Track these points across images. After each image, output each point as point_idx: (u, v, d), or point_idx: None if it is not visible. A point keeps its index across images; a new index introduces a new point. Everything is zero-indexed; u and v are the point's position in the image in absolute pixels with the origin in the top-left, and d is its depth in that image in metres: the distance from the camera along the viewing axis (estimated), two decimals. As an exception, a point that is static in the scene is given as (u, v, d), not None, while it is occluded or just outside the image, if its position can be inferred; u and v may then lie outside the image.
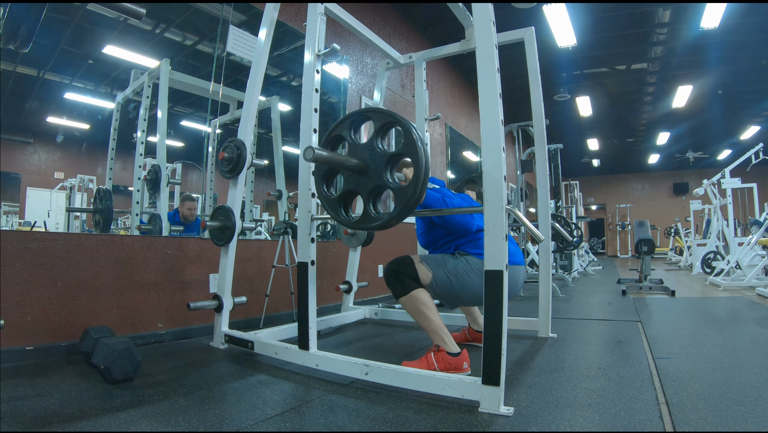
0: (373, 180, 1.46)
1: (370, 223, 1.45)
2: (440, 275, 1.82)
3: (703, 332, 2.53)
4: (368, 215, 1.46)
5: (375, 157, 1.46)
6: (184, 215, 3.03)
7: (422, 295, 1.78)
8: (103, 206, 2.49)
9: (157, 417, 1.31)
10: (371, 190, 1.47)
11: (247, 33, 3.07)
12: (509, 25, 2.52)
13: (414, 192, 1.39)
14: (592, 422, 1.25)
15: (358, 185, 1.49)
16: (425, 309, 1.76)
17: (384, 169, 1.44)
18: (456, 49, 2.61)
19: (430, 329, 1.76)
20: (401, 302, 1.80)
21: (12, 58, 2.13)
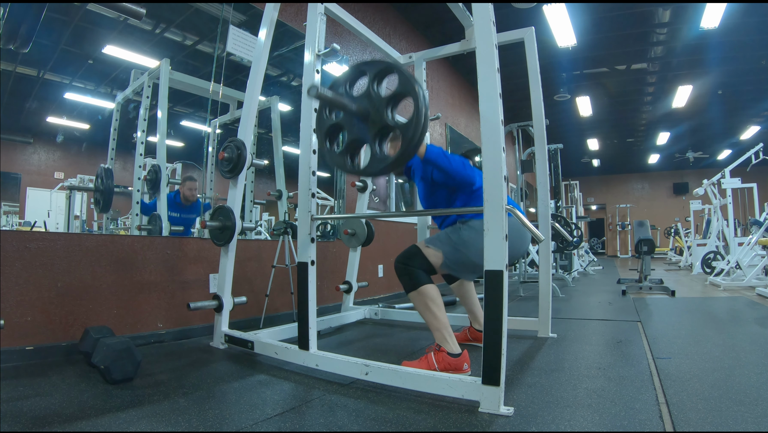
0: (376, 124, 1.46)
1: (380, 164, 1.46)
2: (449, 250, 1.82)
3: (703, 332, 2.53)
4: (376, 157, 1.47)
5: (374, 103, 1.47)
6: (185, 195, 3.02)
7: (431, 291, 1.78)
8: (104, 186, 2.50)
9: (157, 417, 1.31)
10: (376, 134, 1.47)
11: (247, 33, 3.07)
12: (509, 25, 2.52)
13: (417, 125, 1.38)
14: (592, 422, 1.25)
15: (362, 132, 1.50)
16: (433, 306, 1.76)
17: (385, 112, 1.45)
18: (456, 49, 2.61)
19: (435, 326, 1.76)
20: (410, 297, 1.81)
21: (12, 58, 2.13)
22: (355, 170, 1.59)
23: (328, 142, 1.60)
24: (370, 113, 1.47)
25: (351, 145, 1.53)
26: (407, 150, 1.40)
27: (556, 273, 5.44)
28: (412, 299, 1.81)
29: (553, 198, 5.68)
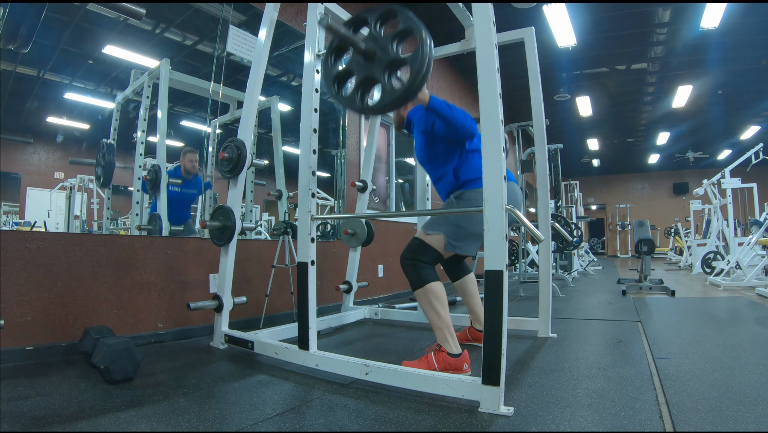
0: (383, 61, 1.48)
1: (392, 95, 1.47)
2: (449, 229, 1.83)
3: (703, 332, 2.53)
4: (386, 91, 1.49)
5: (380, 42, 1.49)
6: (186, 168, 3.02)
7: (437, 289, 1.79)
8: (105, 161, 2.52)
9: (157, 417, 1.31)
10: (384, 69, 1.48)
11: (247, 33, 3.07)
12: (509, 25, 2.52)
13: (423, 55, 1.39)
14: (592, 422, 1.25)
15: (371, 71, 1.51)
16: (437, 304, 1.77)
17: (390, 48, 1.46)
18: (456, 49, 2.60)
19: (437, 325, 1.76)
20: (416, 294, 1.81)
21: (12, 58, 2.13)
22: (365, 108, 1.59)
23: (337, 87, 1.61)
24: (377, 51, 1.49)
25: (361, 85, 1.54)
26: (416, 79, 1.41)
27: (556, 273, 5.44)
28: (418, 296, 1.81)
29: (553, 198, 5.68)
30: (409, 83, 1.42)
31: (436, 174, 2.02)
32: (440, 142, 1.94)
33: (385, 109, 1.52)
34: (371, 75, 1.51)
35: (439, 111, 1.78)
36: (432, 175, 2.07)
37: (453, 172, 1.92)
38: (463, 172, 1.91)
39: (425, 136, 1.98)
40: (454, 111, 1.79)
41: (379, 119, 3.04)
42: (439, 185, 2.03)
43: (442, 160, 1.95)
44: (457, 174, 1.92)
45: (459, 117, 1.79)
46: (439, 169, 1.98)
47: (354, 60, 1.56)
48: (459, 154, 1.92)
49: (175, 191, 2.87)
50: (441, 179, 2.00)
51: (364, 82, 1.53)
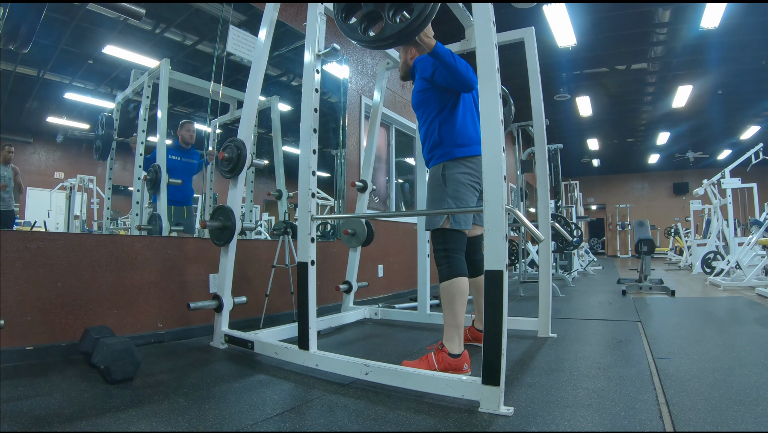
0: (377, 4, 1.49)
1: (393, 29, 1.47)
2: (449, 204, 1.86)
3: (703, 332, 2.53)
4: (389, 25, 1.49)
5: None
6: (183, 138, 3.02)
7: (463, 285, 1.81)
8: (104, 132, 2.53)
9: (157, 417, 1.31)
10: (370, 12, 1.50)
11: (247, 33, 3.07)
12: (509, 25, 2.52)
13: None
14: (592, 422, 1.25)
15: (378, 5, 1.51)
16: (458, 301, 1.78)
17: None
18: (456, 49, 2.59)
19: (450, 322, 1.77)
20: (442, 286, 1.83)
21: (12, 58, 2.13)
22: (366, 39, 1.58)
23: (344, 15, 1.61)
24: None
25: (366, 17, 1.54)
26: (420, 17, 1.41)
27: (556, 273, 5.44)
28: (443, 288, 1.83)
29: (553, 198, 5.68)
30: (412, 19, 1.42)
31: (424, 124, 2.04)
32: (437, 90, 1.95)
33: (385, 42, 1.51)
34: (377, 9, 1.51)
35: (443, 58, 1.78)
36: (420, 124, 2.08)
37: (438, 124, 1.94)
38: (445, 131, 1.93)
39: (424, 82, 1.99)
40: (457, 60, 1.80)
41: (378, 119, 3.03)
42: (423, 139, 2.05)
43: (433, 108, 1.96)
44: (440, 129, 1.93)
45: (461, 67, 1.79)
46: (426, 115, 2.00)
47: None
48: (450, 107, 1.94)
49: (175, 160, 2.89)
50: (427, 137, 2.01)
51: (369, 15, 1.53)
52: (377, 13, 1.52)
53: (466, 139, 1.92)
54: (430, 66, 1.92)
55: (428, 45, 1.75)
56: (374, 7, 1.51)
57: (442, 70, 1.84)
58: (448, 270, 1.82)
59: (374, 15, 1.53)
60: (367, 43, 1.57)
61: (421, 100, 2.02)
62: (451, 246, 1.86)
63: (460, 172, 1.89)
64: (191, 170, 3.06)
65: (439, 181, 1.91)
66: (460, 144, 1.91)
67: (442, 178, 1.90)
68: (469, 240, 2.00)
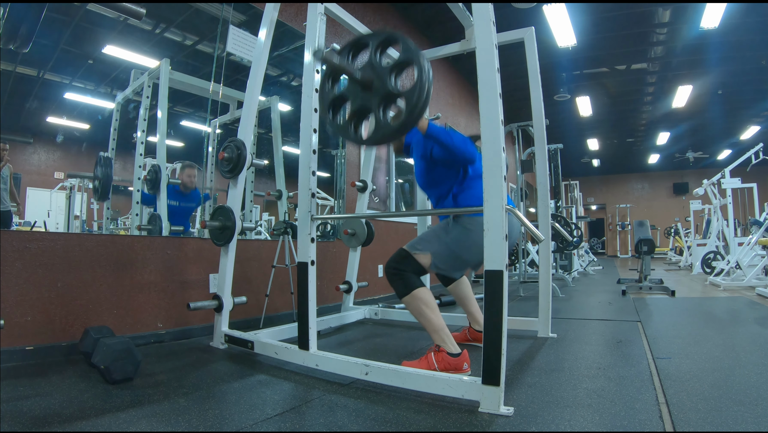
0: (380, 91, 1.47)
1: (384, 131, 1.46)
2: (439, 249, 1.82)
3: (703, 332, 2.53)
4: (380, 125, 1.48)
5: (378, 71, 1.48)
6: (184, 183, 3.01)
7: (424, 294, 1.78)
8: (103, 174, 2.52)
9: (157, 417, 1.31)
10: (380, 101, 1.48)
11: (247, 33, 3.06)
12: (509, 25, 2.52)
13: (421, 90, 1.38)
14: (592, 422, 1.25)
15: (366, 101, 1.50)
16: (427, 309, 1.76)
17: (388, 80, 1.45)
18: (456, 49, 2.61)
19: (431, 329, 1.76)
20: (404, 301, 1.81)
21: (12, 58, 2.12)
22: (358, 139, 1.58)
23: (332, 113, 1.60)
24: (374, 81, 1.47)
25: (355, 114, 1.54)
26: (412, 115, 1.40)
27: (556, 273, 5.44)
28: (406, 303, 1.81)
29: (553, 198, 5.68)
30: (404, 117, 1.41)
31: (436, 198, 2.02)
32: (440, 166, 1.93)
33: (378, 143, 1.50)
34: (366, 105, 1.49)
35: (437, 138, 1.77)
36: (432, 199, 2.07)
37: (453, 197, 1.90)
38: (462, 198, 1.89)
39: (425, 162, 1.98)
40: (453, 137, 1.78)
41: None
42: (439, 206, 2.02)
43: (443, 185, 1.94)
44: (456, 200, 1.90)
45: (458, 143, 1.77)
46: (439, 193, 1.97)
47: (351, 87, 1.54)
48: (460, 178, 1.90)
49: (173, 204, 2.88)
50: (440, 203, 1.99)
51: (359, 111, 1.52)
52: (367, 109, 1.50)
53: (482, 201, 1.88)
54: (426, 143, 1.90)
55: (422, 128, 1.74)
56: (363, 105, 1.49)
57: (438, 148, 1.83)
58: (404, 286, 1.78)
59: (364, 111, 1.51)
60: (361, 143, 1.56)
61: (427, 183, 2.00)
62: (404, 267, 1.81)
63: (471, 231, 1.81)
64: (188, 213, 3.07)
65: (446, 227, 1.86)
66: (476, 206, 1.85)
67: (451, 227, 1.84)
68: None
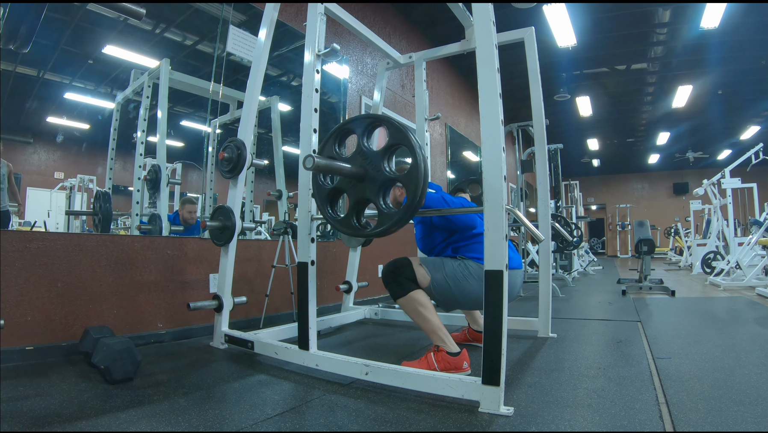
0: (376, 181, 1.46)
1: (389, 220, 1.44)
2: (438, 278, 1.81)
3: (703, 332, 2.53)
4: (383, 214, 1.47)
5: (369, 159, 1.47)
6: (184, 218, 3.02)
7: (420, 296, 1.78)
8: (102, 209, 2.50)
9: (157, 417, 1.31)
10: (378, 189, 1.47)
11: (247, 33, 3.06)
12: (509, 25, 2.52)
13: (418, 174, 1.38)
14: (592, 422, 1.25)
15: (364, 192, 1.50)
16: (423, 310, 1.76)
17: (382, 166, 1.45)
18: (456, 49, 2.61)
19: (429, 329, 1.76)
20: (399, 303, 1.81)
21: (12, 58, 2.12)
22: (364, 232, 1.55)
23: (330, 207, 1.60)
24: (368, 171, 1.46)
25: (355, 207, 1.53)
26: (414, 201, 1.40)
27: (556, 273, 5.44)
28: (401, 305, 1.81)
29: (553, 198, 5.68)
30: (406, 206, 1.40)
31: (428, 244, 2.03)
32: (439, 231, 1.96)
33: (386, 233, 1.47)
34: (365, 196, 1.49)
35: (436, 207, 1.79)
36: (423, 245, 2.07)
37: (453, 250, 1.91)
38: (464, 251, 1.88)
39: (424, 226, 2.00)
40: (452, 206, 1.80)
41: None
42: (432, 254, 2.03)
43: (444, 245, 1.96)
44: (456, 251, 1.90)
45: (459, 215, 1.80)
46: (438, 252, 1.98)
47: (345, 180, 1.53)
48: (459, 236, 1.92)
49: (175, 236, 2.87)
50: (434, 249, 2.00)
51: (358, 203, 1.51)
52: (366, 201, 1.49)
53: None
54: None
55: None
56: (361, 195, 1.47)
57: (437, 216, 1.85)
58: (399, 288, 1.78)
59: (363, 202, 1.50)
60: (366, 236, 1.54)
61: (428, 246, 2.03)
62: (401, 272, 1.81)
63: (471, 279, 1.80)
64: None
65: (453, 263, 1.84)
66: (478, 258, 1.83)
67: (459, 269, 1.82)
68: None
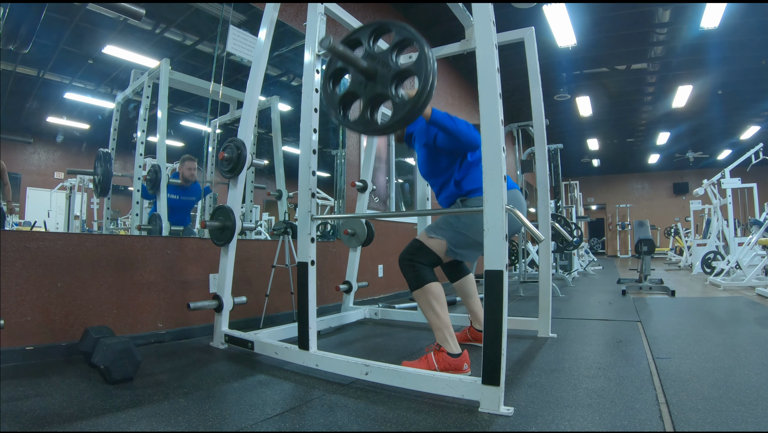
0: (377, 89, 1.46)
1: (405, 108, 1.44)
2: (452, 235, 1.83)
3: (703, 332, 2.53)
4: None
5: (378, 58, 1.47)
6: (184, 176, 3.02)
7: (436, 289, 1.79)
8: (102, 170, 2.52)
9: (157, 417, 1.31)
10: (372, 98, 1.47)
11: (247, 33, 3.06)
12: (509, 25, 2.52)
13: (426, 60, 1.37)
14: (592, 422, 1.25)
15: (362, 90, 1.49)
16: (436, 304, 1.77)
17: (390, 83, 1.44)
18: (456, 49, 2.60)
19: (436, 325, 1.76)
20: (414, 294, 1.81)
21: (12, 58, 2.12)
22: (381, 128, 1.55)
23: (331, 83, 1.59)
24: (378, 69, 1.46)
25: (347, 96, 1.53)
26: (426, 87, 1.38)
27: (556, 273, 5.44)
28: (417, 296, 1.81)
29: (553, 198, 5.68)
30: (419, 92, 1.40)
31: (438, 186, 2.02)
32: (443, 154, 1.93)
33: (400, 124, 1.46)
34: (379, 93, 1.48)
35: (442, 124, 1.76)
36: (435, 188, 2.07)
37: (455, 183, 1.92)
38: (466, 182, 1.90)
39: (427, 150, 1.97)
40: (457, 123, 1.78)
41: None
42: (441, 196, 2.03)
43: (446, 173, 1.95)
44: (459, 185, 1.91)
45: (463, 129, 1.77)
46: (442, 182, 1.98)
47: (356, 81, 1.53)
48: (461, 164, 1.92)
49: (173, 198, 2.87)
50: (443, 190, 2.00)
51: (372, 101, 1.50)
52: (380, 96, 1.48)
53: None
54: (428, 131, 1.90)
55: (426, 115, 1.74)
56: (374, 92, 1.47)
57: (443, 136, 1.82)
58: (416, 279, 1.79)
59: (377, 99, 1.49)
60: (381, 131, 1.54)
61: (430, 171, 2.01)
62: (418, 259, 1.83)
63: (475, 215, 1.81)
64: (189, 207, 3.07)
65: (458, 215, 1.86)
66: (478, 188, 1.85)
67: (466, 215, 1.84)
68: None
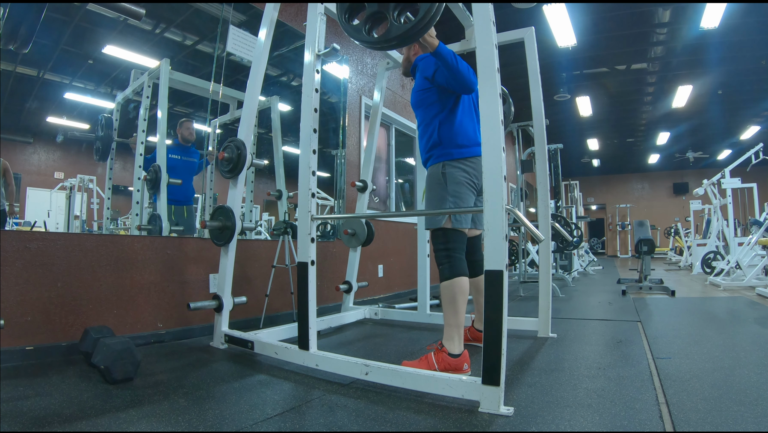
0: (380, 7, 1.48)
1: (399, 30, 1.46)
2: (450, 205, 1.86)
3: (703, 332, 2.53)
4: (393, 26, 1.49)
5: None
6: (183, 136, 3.03)
7: (465, 285, 1.81)
8: (104, 133, 2.55)
9: (157, 417, 1.31)
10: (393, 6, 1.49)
11: (247, 33, 3.06)
12: (509, 25, 2.52)
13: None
14: (592, 422, 1.25)
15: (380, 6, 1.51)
16: (460, 300, 1.79)
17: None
18: (456, 49, 2.59)
19: (450, 322, 1.77)
20: (443, 285, 1.84)
21: (12, 58, 2.13)
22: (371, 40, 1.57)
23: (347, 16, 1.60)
24: None
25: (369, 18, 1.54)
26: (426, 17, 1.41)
27: (556, 273, 5.44)
28: (445, 287, 1.83)
29: (553, 198, 5.68)
30: (417, 20, 1.42)
31: (422, 123, 2.04)
32: (437, 90, 1.95)
33: (389, 43, 1.49)
34: (380, 10, 1.50)
35: (445, 58, 1.78)
36: (419, 122, 2.09)
37: (438, 128, 1.94)
38: (445, 130, 1.93)
39: (425, 81, 1.99)
40: (459, 62, 1.80)
41: (379, 119, 3.03)
42: (421, 137, 2.06)
43: (433, 108, 1.97)
44: (440, 133, 1.94)
45: (462, 68, 1.80)
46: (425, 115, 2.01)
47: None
48: (450, 108, 1.94)
49: (175, 159, 2.89)
50: (425, 133, 2.02)
51: (373, 16, 1.52)
52: (382, 14, 1.51)
53: (465, 140, 1.92)
54: (431, 65, 1.93)
55: (431, 45, 1.75)
56: (378, 8, 1.51)
57: (443, 71, 1.84)
58: (450, 270, 1.83)
59: (378, 16, 1.53)
60: (372, 44, 1.56)
61: (420, 99, 2.03)
62: (452, 245, 1.86)
63: (459, 172, 1.89)
64: (192, 169, 3.07)
65: (440, 181, 1.91)
66: (459, 145, 1.91)
67: (442, 177, 1.90)
68: (468, 240, 2.00)
